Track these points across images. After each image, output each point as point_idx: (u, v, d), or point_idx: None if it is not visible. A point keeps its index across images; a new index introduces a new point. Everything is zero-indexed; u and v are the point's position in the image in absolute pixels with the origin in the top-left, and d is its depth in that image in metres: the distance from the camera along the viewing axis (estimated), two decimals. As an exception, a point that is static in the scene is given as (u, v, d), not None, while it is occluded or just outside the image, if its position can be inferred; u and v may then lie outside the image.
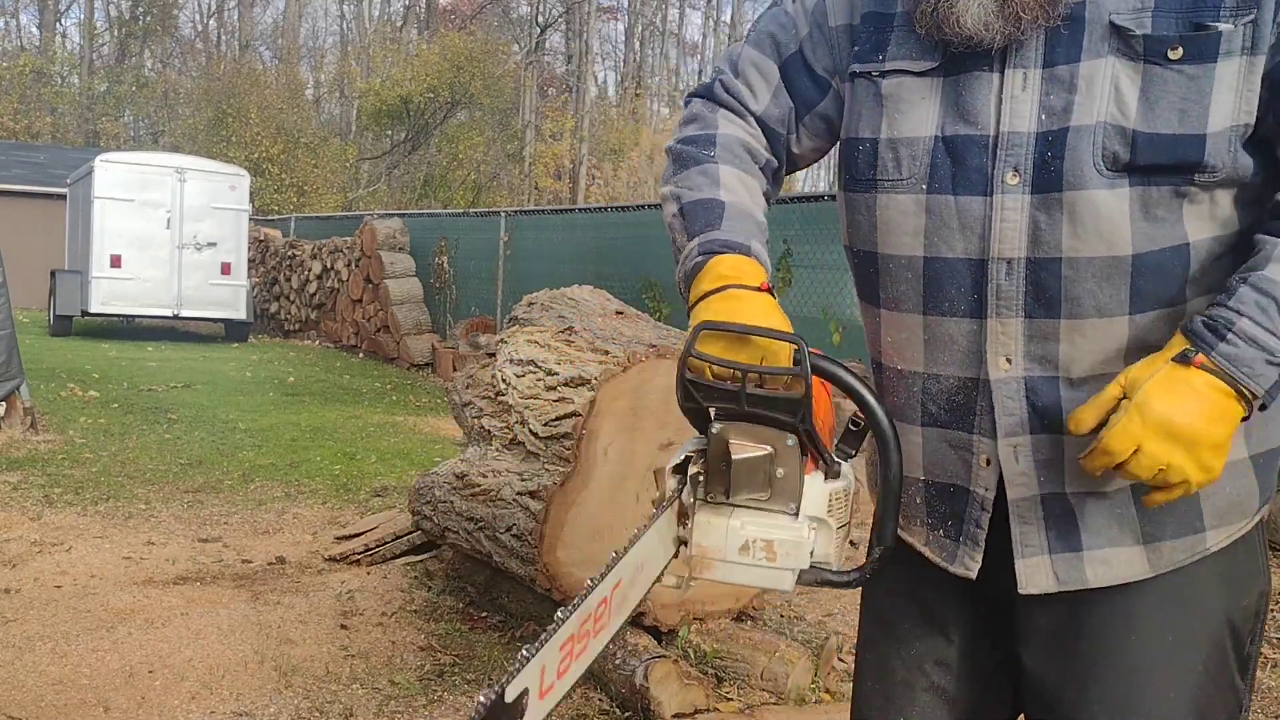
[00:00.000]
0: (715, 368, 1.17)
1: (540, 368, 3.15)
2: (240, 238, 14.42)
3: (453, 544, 3.44)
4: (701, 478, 1.26)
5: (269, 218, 19.53)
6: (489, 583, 3.49)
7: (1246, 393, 1.01)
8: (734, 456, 1.21)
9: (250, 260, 15.64)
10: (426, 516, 3.51)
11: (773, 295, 1.21)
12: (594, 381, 2.82)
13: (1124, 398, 1.04)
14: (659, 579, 1.38)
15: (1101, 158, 1.08)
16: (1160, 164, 1.07)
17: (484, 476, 3.15)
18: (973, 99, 1.17)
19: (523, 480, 2.96)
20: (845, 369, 1.21)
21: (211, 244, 14.13)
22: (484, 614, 3.37)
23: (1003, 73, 1.15)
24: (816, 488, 1.22)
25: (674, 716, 2.60)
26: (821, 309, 8.27)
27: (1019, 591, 1.20)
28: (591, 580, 1.37)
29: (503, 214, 12.56)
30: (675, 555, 1.35)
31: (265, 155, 23.70)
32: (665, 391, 2.85)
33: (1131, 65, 1.09)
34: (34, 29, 37.55)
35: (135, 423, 7.11)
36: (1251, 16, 1.06)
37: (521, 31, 35.72)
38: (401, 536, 3.92)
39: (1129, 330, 1.11)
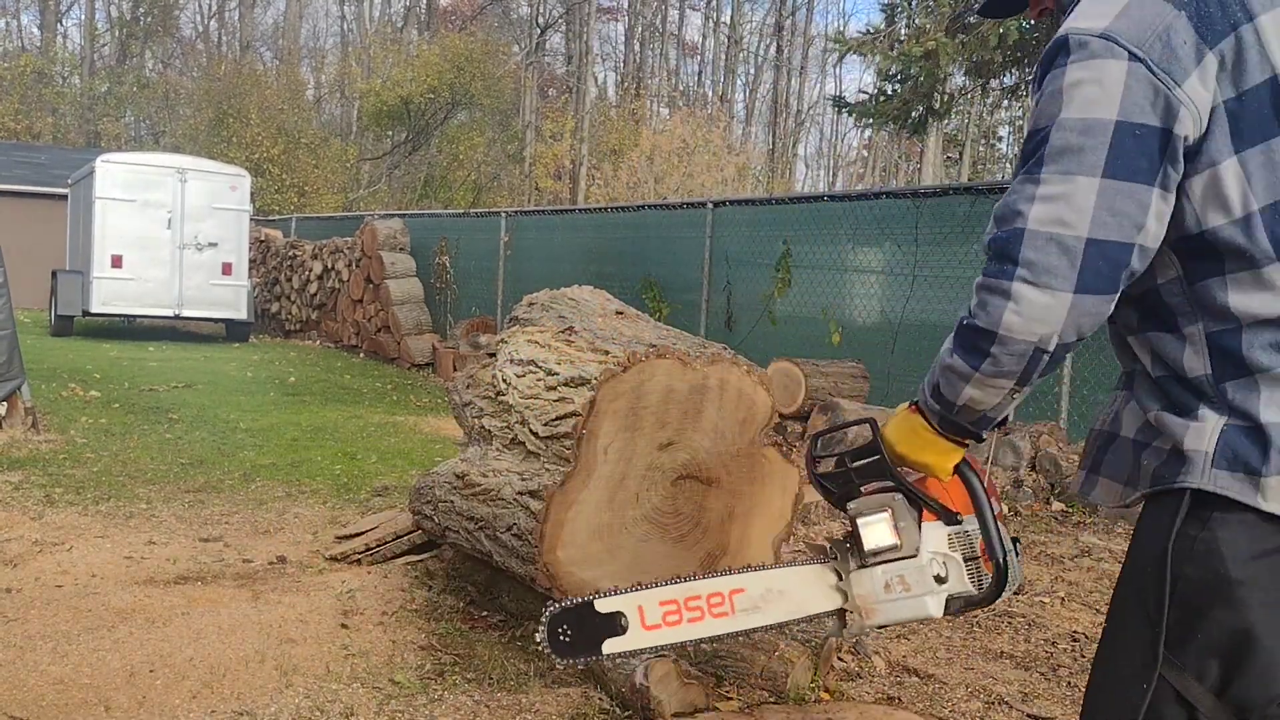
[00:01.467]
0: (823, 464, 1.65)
1: (540, 368, 3.15)
2: (241, 238, 14.43)
3: (453, 543, 3.45)
4: (849, 545, 1.68)
5: (270, 218, 19.54)
6: (489, 582, 3.49)
7: (931, 421, 1.53)
8: (859, 522, 1.62)
9: (251, 260, 15.64)
10: (427, 516, 3.52)
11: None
12: (594, 381, 2.82)
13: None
14: (814, 618, 1.78)
15: None
16: None
17: (484, 476, 3.16)
18: None
19: (523, 480, 2.97)
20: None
21: (212, 244, 14.14)
22: (484, 613, 3.38)
23: None
24: (937, 532, 1.60)
25: (674, 716, 2.61)
26: (821, 309, 8.28)
27: None
28: (709, 573, 1.82)
29: (503, 214, 12.58)
30: (841, 607, 1.72)
31: (266, 156, 23.73)
32: (665, 391, 2.86)
33: None
34: (35, 29, 37.61)
35: (136, 422, 7.12)
36: None
37: (521, 32, 35.73)
38: (402, 536, 3.93)
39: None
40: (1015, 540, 1.61)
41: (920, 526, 1.59)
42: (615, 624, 1.77)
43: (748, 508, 3.05)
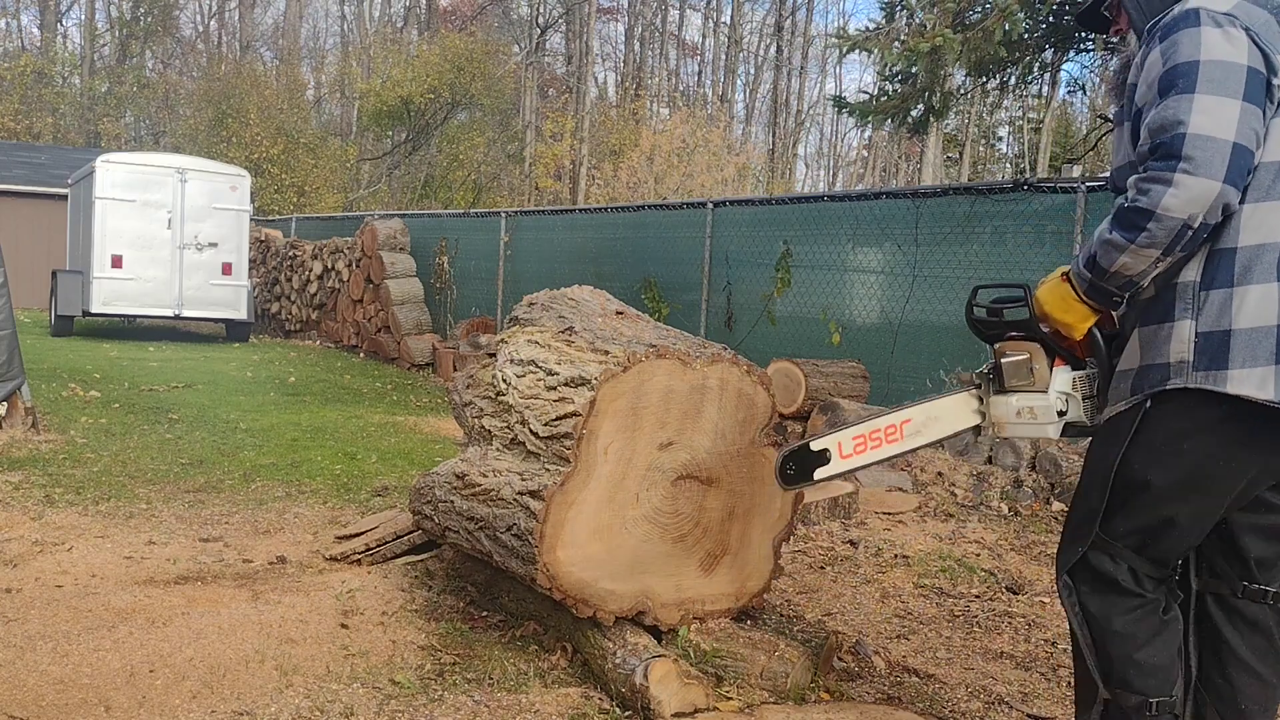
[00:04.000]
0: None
1: (540, 368, 3.15)
2: (241, 238, 14.43)
3: (453, 543, 3.45)
4: (991, 376, 2.14)
5: (270, 218, 19.54)
6: (489, 582, 3.50)
7: (1079, 288, 2.01)
8: (1002, 360, 2.08)
9: (251, 260, 15.64)
10: (427, 516, 3.52)
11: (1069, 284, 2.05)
12: (594, 381, 2.82)
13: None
14: (960, 433, 2.28)
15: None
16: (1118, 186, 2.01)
17: (484, 476, 3.16)
18: None
19: (523, 480, 2.97)
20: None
21: (212, 244, 14.14)
22: (485, 613, 3.38)
23: None
24: (1063, 375, 2.06)
25: (674, 716, 2.61)
26: (821, 309, 8.28)
27: None
28: (888, 410, 2.38)
29: (503, 214, 12.57)
30: (978, 425, 2.22)
31: (265, 156, 23.72)
32: (665, 391, 2.86)
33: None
34: (35, 29, 37.58)
35: (136, 422, 7.12)
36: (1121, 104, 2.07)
37: (522, 32, 35.72)
38: (402, 536, 3.93)
39: None
40: None
41: (1051, 370, 2.04)
42: (823, 457, 2.32)
43: (748, 507, 3.05)
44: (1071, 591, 2.06)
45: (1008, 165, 33.11)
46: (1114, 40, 2.21)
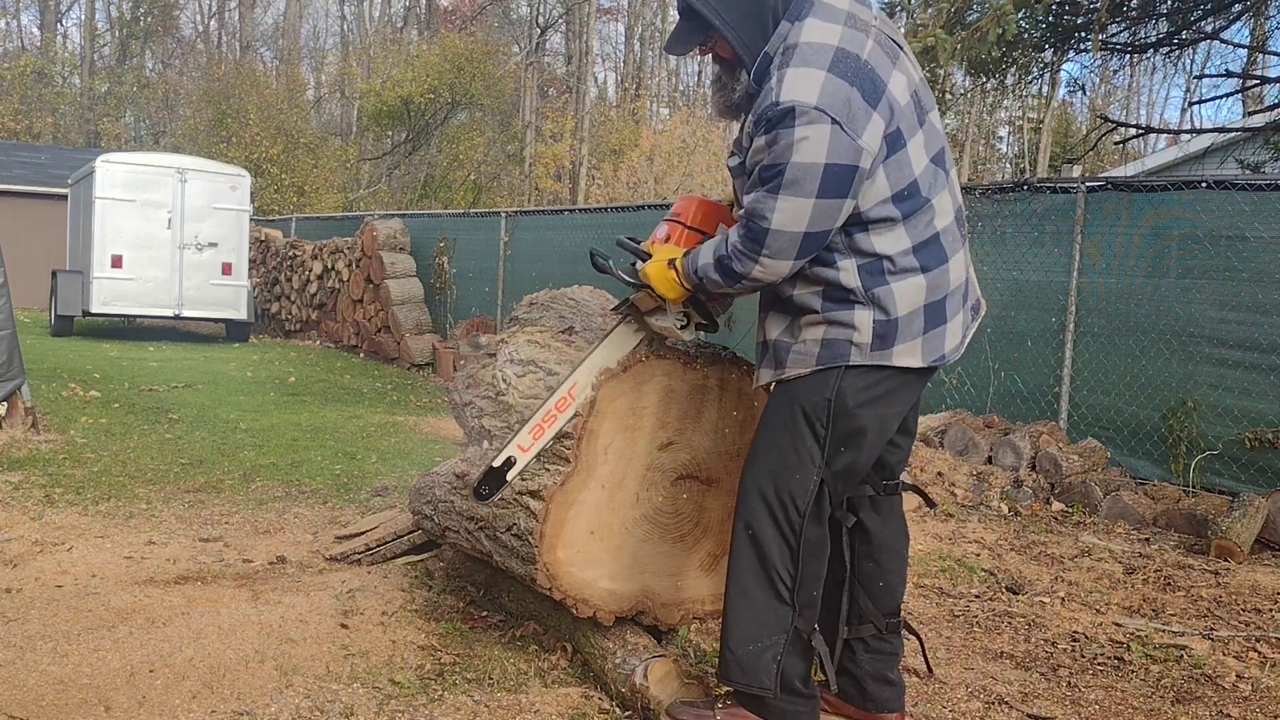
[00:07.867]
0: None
1: (540, 368, 3.15)
2: (241, 238, 14.43)
3: (453, 543, 3.44)
4: (635, 311, 2.72)
5: (270, 218, 19.54)
6: (489, 582, 3.49)
7: (685, 277, 2.47)
8: (633, 298, 2.68)
9: (251, 260, 15.64)
10: (427, 516, 3.52)
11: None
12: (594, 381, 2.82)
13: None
14: (630, 352, 2.78)
15: None
16: None
17: (484, 476, 3.15)
18: None
19: (523, 480, 2.96)
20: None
21: (212, 244, 14.14)
22: (484, 613, 3.38)
23: None
24: (674, 307, 2.62)
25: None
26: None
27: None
28: (550, 388, 2.84)
29: (503, 214, 12.57)
30: (641, 340, 2.76)
31: (265, 156, 23.71)
32: (665, 392, 2.86)
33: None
34: (35, 29, 37.60)
35: (136, 422, 7.12)
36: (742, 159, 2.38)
37: (522, 32, 35.71)
38: (402, 536, 3.93)
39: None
40: (717, 321, 2.68)
41: (667, 307, 2.64)
42: (509, 465, 2.71)
43: (748, 508, 3.04)
44: (800, 522, 2.38)
45: (1008, 165, 33.12)
46: (716, 64, 2.45)
